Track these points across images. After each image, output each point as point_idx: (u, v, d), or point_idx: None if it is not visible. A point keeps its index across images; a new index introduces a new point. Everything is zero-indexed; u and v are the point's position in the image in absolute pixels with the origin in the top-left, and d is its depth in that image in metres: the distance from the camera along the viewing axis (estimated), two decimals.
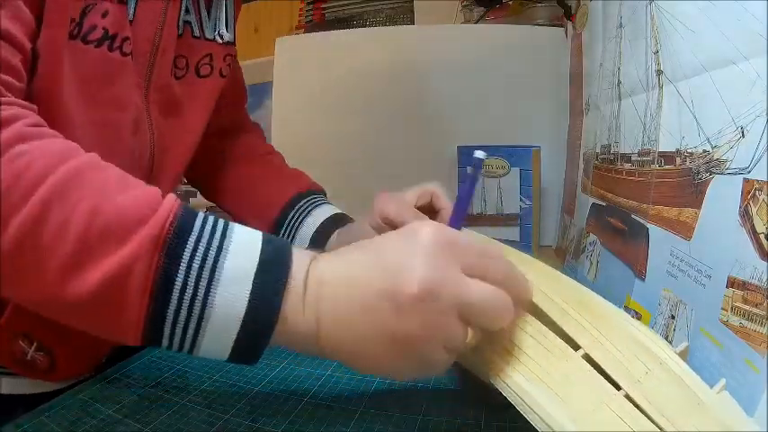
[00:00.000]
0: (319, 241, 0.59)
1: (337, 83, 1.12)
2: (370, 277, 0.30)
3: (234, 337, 0.29)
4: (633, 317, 0.49)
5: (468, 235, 0.37)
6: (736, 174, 0.34)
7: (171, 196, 0.30)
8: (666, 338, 0.42)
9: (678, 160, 0.43)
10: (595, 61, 0.71)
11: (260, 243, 0.31)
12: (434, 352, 0.29)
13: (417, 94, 1.07)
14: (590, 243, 0.69)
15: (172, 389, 0.45)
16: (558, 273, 0.44)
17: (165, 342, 0.30)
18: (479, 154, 0.41)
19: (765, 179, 0.30)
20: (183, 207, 0.30)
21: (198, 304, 0.28)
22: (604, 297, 0.57)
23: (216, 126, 0.64)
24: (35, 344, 0.44)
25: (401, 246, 0.31)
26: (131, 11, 0.40)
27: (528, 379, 0.33)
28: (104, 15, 0.37)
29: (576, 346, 0.34)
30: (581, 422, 0.29)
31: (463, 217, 0.42)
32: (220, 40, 0.53)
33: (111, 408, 0.42)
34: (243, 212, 0.64)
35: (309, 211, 0.61)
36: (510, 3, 1.10)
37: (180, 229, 0.29)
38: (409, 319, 0.28)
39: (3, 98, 0.30)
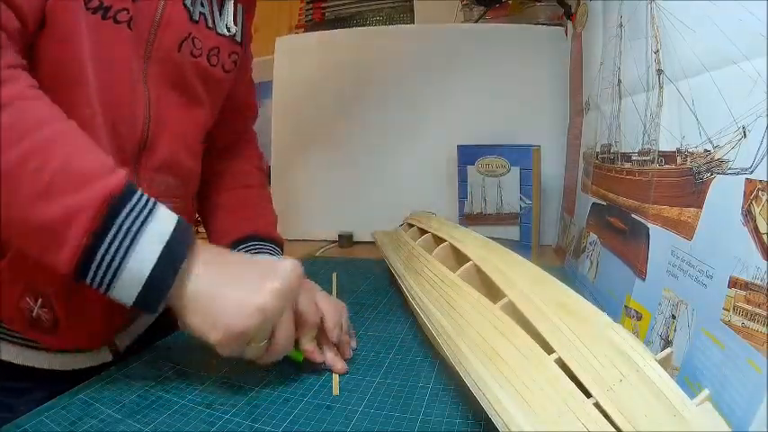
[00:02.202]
0: None
1: (337, 82, 1.12)
2: (238, 262, 0.45)
3: (139, 290, 0.38)
4: (633, 317, 0.49)
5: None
6: (738, 174, 0.34)
7: (121, 170, 0.39)
8: (667, 339, 0.42)
9: (679, 160, 0.43)
10: (595, 61, 0.71)
11: (172, 227, 0.40)
12: (240, 340, 0.41)
13: (417, 94, 1.07)
14: (590, 242, 0.69)
15: (172, 389, 0.45)
16: (546, 274, 0.44)
17: (90, 274, 0.37)
18: None
19: (767, 179, 0.30)
20: (129, 180, 0.39)
21: (122, 251, 0.37)
22: (605, 297, 0.58)
23: (217, 143, 0.67)
24: (40, 300, 0.48)
25: (263, 269, 0.43)
26: None
27: (496, 379, 0.33)
28: None
29: (549, 350, 0.34)
30: (542, 427, 0.28)
31: None
32: (227, 33, 0.57)
33: (111, 408, 0.42)
34: (208, 231, 0.70)
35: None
36: (510, 2, 1.10)
37: (124, 194, 0.38)
38: (247, 321, 0.40)
39: (4, 61, 0.37)
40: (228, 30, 0.57)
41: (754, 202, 0.32)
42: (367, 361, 0.50)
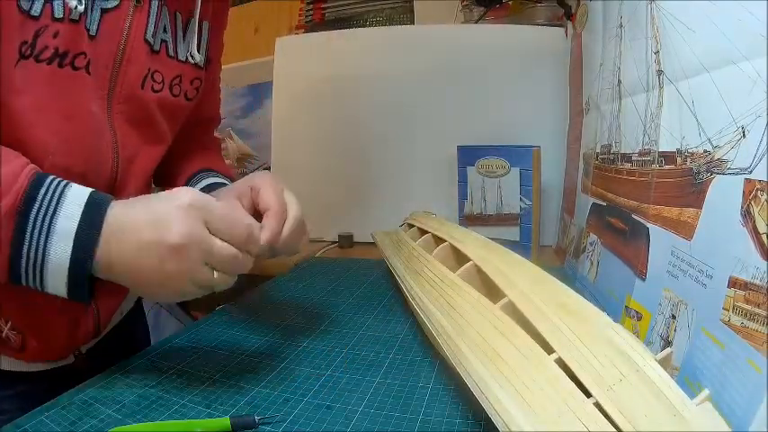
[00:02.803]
0: None
1: (337, 83, 1.12)
2: (140, 228, 0.40)
3: (66, 285, 0.39)
4: (634, 317, 0.49)
5: (222, 204, 0.44)
6: (737, 174, 0.34)
7: (27, 168, 0.39)
8: (667, 339, 0.42)
9: (679, 160, 0.43)
10: (595, 61, 0.71)
11: (80, 209, 0.39)
12: (186, 287, 0.41)
13: (417, 94, 1.07)
14: (590, 243, 0.69)
15: (172, 389, 0.45)
16: (546, 274, 0.44)
17: (22, 278, 0.39)
18: None
19: (767, 179, 0.30)
20: (33, 178, 0.39)
21: (40, 254, 0.38)
22: (605, 297, 0.58)
23: (175, 155, 0.65)
24: (9, 323, 0.49)
25: (165, 204, 0.40)
26: (95, 27, 0.45)
27: (496, 379, 0.33)
28: (55, 36, 0.42)
29: (549, 350, 0.34)
30: (542, 427, 0.28)
31: None
32: (191, 60, 0.56)
33: (111, 408, 0.42)
34: (162, 182, 0.69)
35: (198, 182, 0.66)
36: (510, 3, 1.10)
37: (28, 198, 0.38)
38: (168, 264, 0.39)
39: None
40: (192, 57, 0.56)
41: (753, 202, 0.32)
42: (367, 361, 0.50)
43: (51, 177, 0.40)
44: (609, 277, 0.60)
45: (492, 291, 0.47)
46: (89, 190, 0.41)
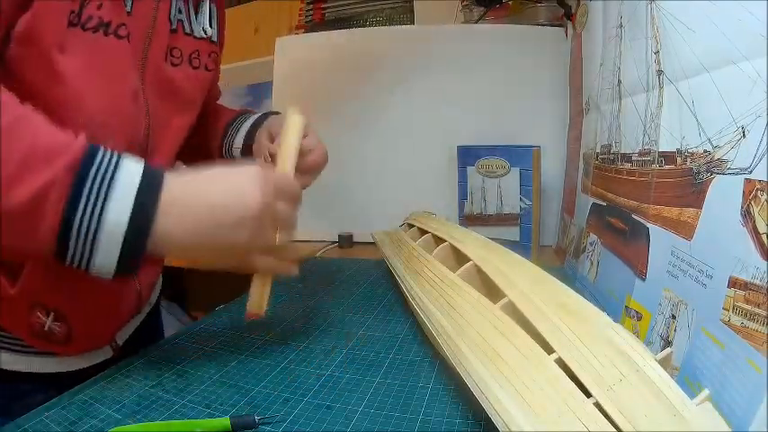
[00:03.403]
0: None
1: (337, 83, 1.12)
2: (210, 197, 0.42)
3: (118, 250, 0.39)
4: (634, 317, 0.49)
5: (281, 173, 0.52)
6: (737, 174, 0.34)
7: (81, 137, 0.39)
8: (667, 339, 0.42)
9: (679, 160, 0.43)
10: (595, 61, 0.71)
11: (138, 177, 0.40)
12: (253, 248, 0.45)
13: (417, 94, 1.07)
14: (590, 243, 0.69)
15: (172, 389, 0.45)
16: (546, 274, 0.44)
17: (70, 248, 0.38)
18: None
19: (767, 179, 0.30)
20: (88, 145, 0.39)
21: (95, 218, 0.38)
22: (605, 297, 0.58)
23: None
24: (52, 314, 0.50)
25: (236, 175, 0.44)
26: (129, 4, 0.49)
27: (496, 379, 0.33)
28: (99, 7, 0.45)
29: (549, 350, 0.34)
30: (542, 427, 0.28)
31: None
32: (204, 35, 0.61)
33: (111, 408, 0.42)
34: (198, 151, 0.72)
35: (244, 121, 0.72)
36: (510, 3, 1.10)
37: (86, 159, 0.38)
38: (241, 230, 0.42)
39: None
40: (205, 32, 0.60)
41: (753, 202, 0.32)
42: (367, 361, 0.50)
43: (103, 147, 0.40)
44: (609, 277, 0.60)
45: (492, 291, 0.47)
46: (142, 161, 0.41)
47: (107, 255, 0.39)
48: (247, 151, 0.69)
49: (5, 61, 0.42)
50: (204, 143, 0.72)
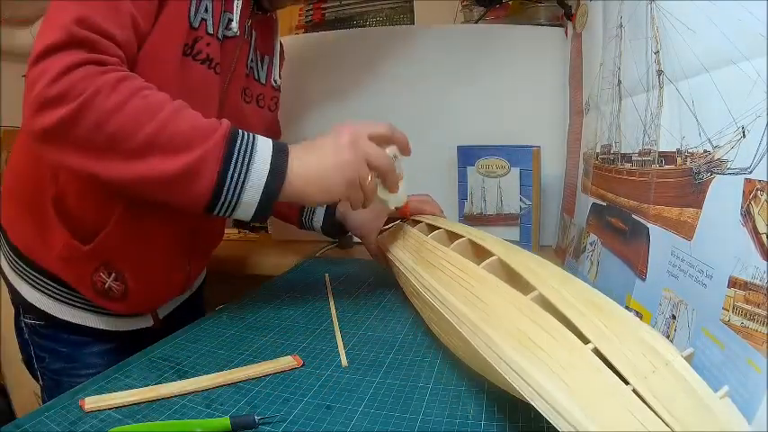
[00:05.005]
0: None
1: (337, 83, 1.12)
2: (318, 144, 0.56)
3: (260, 193, 0.52)
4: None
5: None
6: (737, 174, 0.34)
7: (225, 120, 0.53)
8: (668, 338, 0.42)
9: (679, 160, 0.43)
10: (595, 61, 0.71)
11: (270, 145, 0.54)
12: (353, 176, 0.55)
13: (417, 94, 1.07)
14: (590, 243, 0.69)
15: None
16: (570, 275, 0.44)
17: (222, 197, 0.51)
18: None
19: (766, 179, 0.30)
20: (232, 126, 0.53)
21: (244, 169, 0.51)
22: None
23: None
24: (113, 274, 0.62)
25: (332, 134, 0.57)
26: (220, 47, 0.62)
27: (531, 362, 0.33)
28: (208, 45, 0.59)
29: (585, 341, 0.34)
30: (590, 411, 0.28)
31: None
32: (274, 85, 0.79)
33: (111, 408, 0.41)
34: None
35: None
36: (510, 3, 1.10)
37: (233, 133, 0.52)
38: (343, 153, 0.55)
39: (123, 69, 0.50)
40: (275, 82, 0.78)
41: (753, 202, 0.32)
42: (367, 361, 0.50)
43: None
44: (609, 277, 0.60)
45: (517, 286, 0.46)
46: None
47: (251, 199, 0.52)
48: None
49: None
50: None
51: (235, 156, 0.51)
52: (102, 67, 0.48)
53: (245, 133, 0.53)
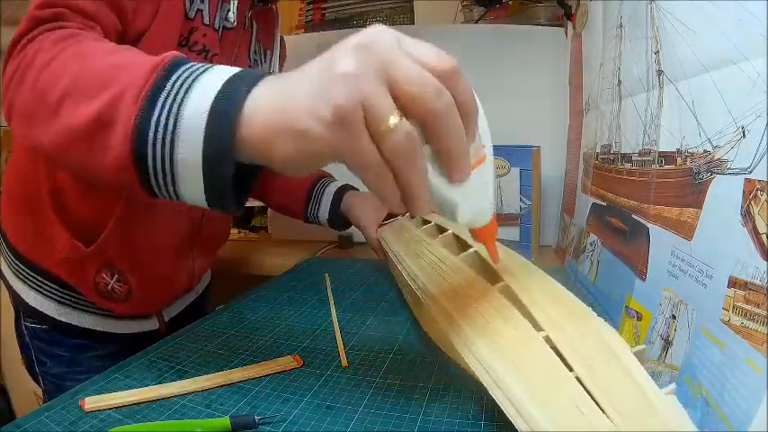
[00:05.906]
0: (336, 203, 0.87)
1: None
2: (302, 70, 0.35)
3: (203, 126, 0.32)
4: (634, 317, 0.49)
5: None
6: (737, 174, 0.34)
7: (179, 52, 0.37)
8: (668, 338, 0.42)
9: (679, 160, 0.43)
10: (595, 61, 0.71)
11: (230, 72, 0.35)
12: (345, 115, 0.29)
13: None
14: (590, 243, 0.69)
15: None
16: (546, 274, 0.46)
17: (148, 149, 0.33)
18: None
19: (767, 179, 0.30)
20: (178, 55, 0.36)
21: (175, 107, 0.33)
22: (605, 297, 0.58)
23: None
24: (116, 275, 0.61)
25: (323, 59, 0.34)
26: (219, 37, 0.60)
27: (491, 350, 0.36)
28: (204, 36, 0.57)
29: (539, 329, 0.36)
30: (539, 397, 0.30)
31: None
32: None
33: (111, 408, 0.41)
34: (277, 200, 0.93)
35: (326, 186, 0.88)
36: (510, 3, 1.10)
37: (174, 63, 0.35)
38: (336, 86, 0.30)
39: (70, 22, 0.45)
40: (273, 72, 0.75)
41: (753, 202, 0.32)
42: (367, 361, 0.50)
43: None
44: (609, 277, 0.60)
45: (489, 277, 0.48)
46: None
47: (189, 157, 0.32)
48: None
49: None
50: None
51: (166, 92, 0.33)
52: (57, 31, 0.43)
53: (198, 64, 0.35)
